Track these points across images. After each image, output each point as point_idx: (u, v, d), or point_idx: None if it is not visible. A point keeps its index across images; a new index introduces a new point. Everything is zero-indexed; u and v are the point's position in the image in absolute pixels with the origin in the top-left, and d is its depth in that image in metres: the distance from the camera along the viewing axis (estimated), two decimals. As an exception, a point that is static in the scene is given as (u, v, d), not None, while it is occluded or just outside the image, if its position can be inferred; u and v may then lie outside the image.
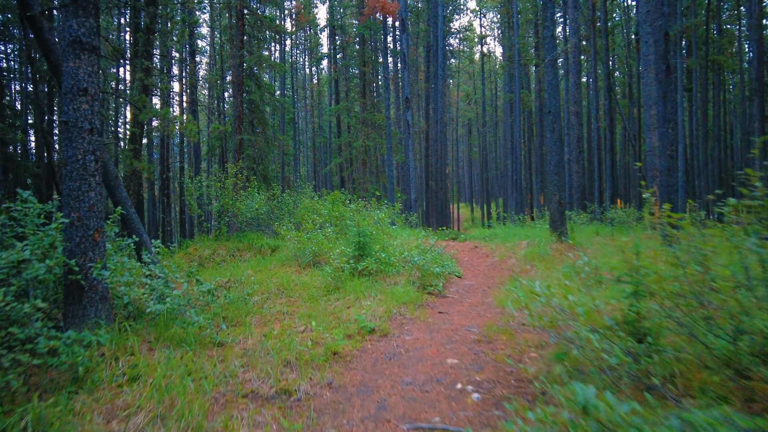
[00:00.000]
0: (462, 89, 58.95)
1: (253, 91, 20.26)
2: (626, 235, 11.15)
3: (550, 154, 9.27)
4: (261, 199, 11.57)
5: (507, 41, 31.34)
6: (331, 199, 11.45)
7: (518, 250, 9.24)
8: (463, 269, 8.14)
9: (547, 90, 9.34)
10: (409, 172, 18.15)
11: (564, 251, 8.68)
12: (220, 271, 8.31)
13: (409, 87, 17.28)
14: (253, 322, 5.42)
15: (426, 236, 10.93)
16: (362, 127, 23.47)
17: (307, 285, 6.70)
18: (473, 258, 9.36)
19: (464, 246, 11.47)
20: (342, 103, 24.66)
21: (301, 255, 8.04)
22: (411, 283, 6.51)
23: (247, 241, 10.47)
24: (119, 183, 6.31)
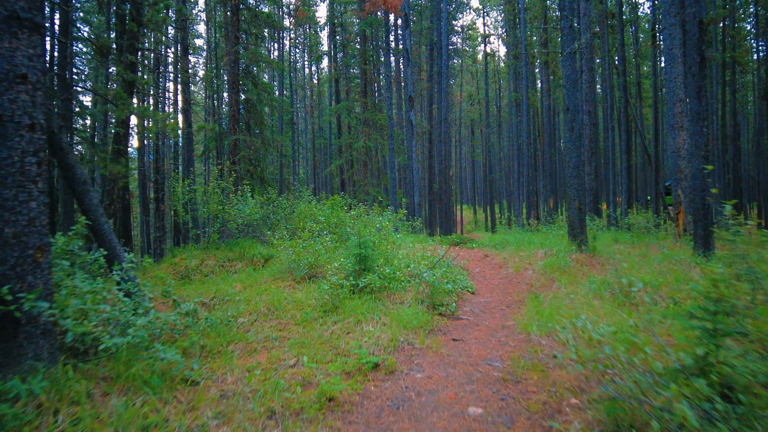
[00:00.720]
0: (465, 90, 58.30)
1: (250, 89, 19.58)
2: (648, 243, 10.41)
3: (569, 155, 8.53)
4: (254, 204, 10.84)
5: (512, 39, 30.65)
6: (330, 204, 10.72)
7: (535, 260, 8.50)
8: (475, 283, 7.39)
9: (566, 85, 8.61)
10: (412, 174, 17.41)
11: (585, 262, 7.95)
12: (206, 285, 7.59)
13: (412, 85, 16.56)
14: (236, 351, 4.69)
15: (433, 245, 10.20)
16: (363, 128, 22.76)
17: (301, 303, 5.97)
18: (485, 269, 8.62)
19: (473, 254, 10.73)
20: (342, 102, 23.96)
21: (295, 267, 7.30)
22: (419, 301, 5.77)
23: (239, 250, 9.74)
24: (88, 188, 5.58)
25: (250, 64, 19.11)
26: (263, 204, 12.40)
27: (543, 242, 10.50)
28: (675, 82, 9.75)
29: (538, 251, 8.97)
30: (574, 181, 8.51)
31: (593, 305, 5.49)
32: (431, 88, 25.58)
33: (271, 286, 6.94)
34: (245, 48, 16.64)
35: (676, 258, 7.48)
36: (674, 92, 9.77)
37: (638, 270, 7.10)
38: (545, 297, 6.19)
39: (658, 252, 9.06)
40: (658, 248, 9.38)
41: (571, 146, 8.51)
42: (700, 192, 7.15)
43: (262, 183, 20.60)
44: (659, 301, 5.60)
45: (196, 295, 6.87)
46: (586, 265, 7.88)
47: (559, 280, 6.98)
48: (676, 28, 9.83)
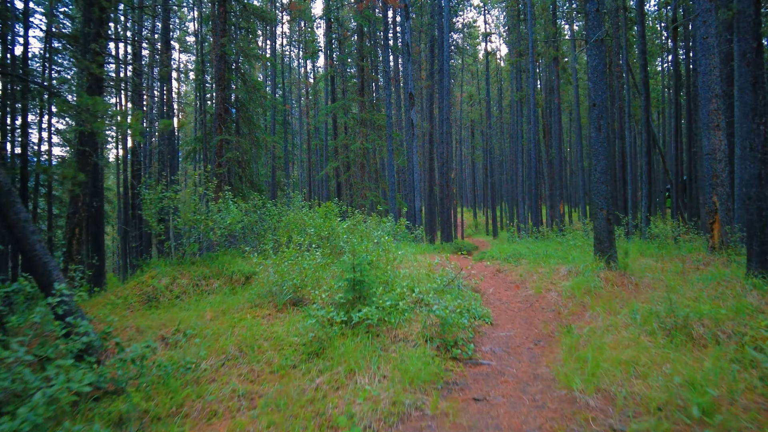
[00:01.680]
0: (465, 90, 57.40)
1: (239, 87, 18.53)
2: (679, 256, 9.36)
3: (596, 157, 7.47)
4: (238, 212, 9.74)
5: (515, 36, 29.65)
6: (322, 212, 9.64)
7: (557, 278, 7.43)
8: (491, 308, 6.31)
9: (591, 77, 7.55)
10: (413, 177, 16.34)
11: (617, 282, 6.89)
12: (173, 311, 6.50)
13: (412, 82, 15.53)
14: (190, 416, 3.61)
15: (438, 256, 9.13)
16: (360, 128, 21.70)
17: (280, 341, 4.89)
18: (500, 289, 7.54)
19: (484, 269, 9.65)
20: (338, 101, 22.89)
21: (278, 291, 6.21)
22: (427, 339, 4.69)
23: (218, 266, 8.65)
24: (13, 199, 4.49)
25: (238, 60, 18.06)
26: (249, 211, 11.33)
27: (562, 256, 9.44)
28: (710, 76, 8.71)
29: (560, 267, 7.89)
30: (602, 188, 7.45)
31: (644, 345, 4.43)
32: (431, 87, 24.55)
33: (248, 315, 5.85)
34: (232, 41, 15.56)
35: (725, 278, 6.42)
36: (709, 87, 8.73)
37: (682, 293, 6.05)
38: (579, 330, 5.12)
39: (693, 267, 8.02)
40: (692, 263, 8.34)
41: (599, 147, 7.45)
42: (755, 201, 6.09)
43: (252, 187, 19.56)
44: (724, 339, 4.54)
45: (157, 326, 5.80)
46: (617, 286, 6.82)
47: (592, 306, 5.91)
48: (711, 14, 8.80)
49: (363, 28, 22.04)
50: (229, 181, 19.11)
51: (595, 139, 7.51)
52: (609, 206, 7.49)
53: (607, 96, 7.36)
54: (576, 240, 11.65)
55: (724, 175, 8.62)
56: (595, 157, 7.52)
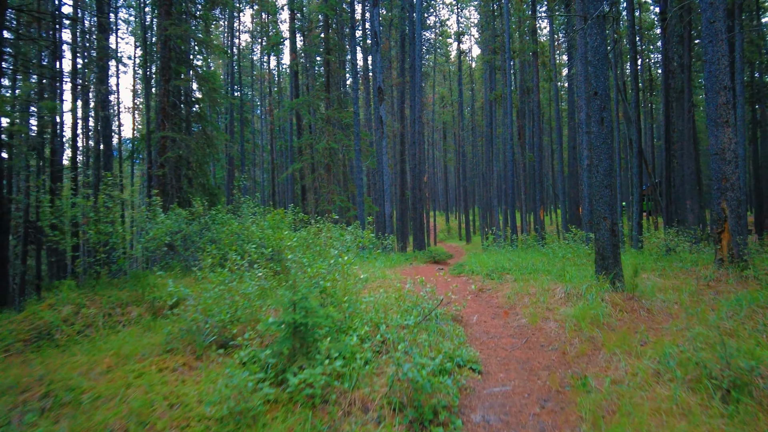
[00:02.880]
0: (437, 91, 56.78)
1: (188, 78, 16.81)
2: (684, 271, 8.37)
3: (598, 156, 6.33)
4: (168, 222, 8.17)
5: (489, 34, 28.88)
6: (271, 221, 8.17)
7: (553, 302, 6.23)
8: (478, 347, 5.03)
9: (592, 61, 6.41)
10: (383, 179, 15.03)
11: (626, 308, 5.75)
12: (63, 357, 4.94)
13: (381, 75, 14.24)
14: None
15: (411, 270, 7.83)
16: (326, 127, 20.26)
17: (187, 413, 3.45)
18: (485, 315, 6.27)
19: (462, 285, 8.39)
20: (302, 97, 21.38)
21: (197, 330, 4.74)
22: (395, 407, 3.35)
23: (140, 289, 7.08)
24: None
25: (189, 49, 16.36)
26: (189, 220, 9.74)
27: (553, 271, 8.29)
28: (718, 65, 7.76)
29: (555, 288, 6.70)
30: (605, 192, 6.31)
31: (697, 414, 3.23)
32: (402, 84, 23.36)
33: (154, 365, 4.36)
34: (179, 26, 13.87)
35: (760, 303, 5.35)
36: (716, 78, 7.77)
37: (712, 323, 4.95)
38: (598, 383, 3.90)
39: (703, 285, 7.01)
40: (702, 280, 7.33)
41: (601, 144, 6.31)
42: None
43: (204, 191, 17.83)
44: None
45: (27, 383, 4.25)
46: (627, 312, 5.67)
47: (605, 343, 4.71)
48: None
49: (329, 19, 20.65)
50: (177, 184, 17.35)
51: (596, 135, 6.37)
52: (614, 215, 6.35)
53: (609, 84, 6.23)
54: (563, 250, 10.59)
55: (734, 177, 7.67)
56: (596, 157, 6.38)
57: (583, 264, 8.94)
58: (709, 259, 8.87)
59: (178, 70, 17.04)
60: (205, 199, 18.39)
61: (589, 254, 9.65)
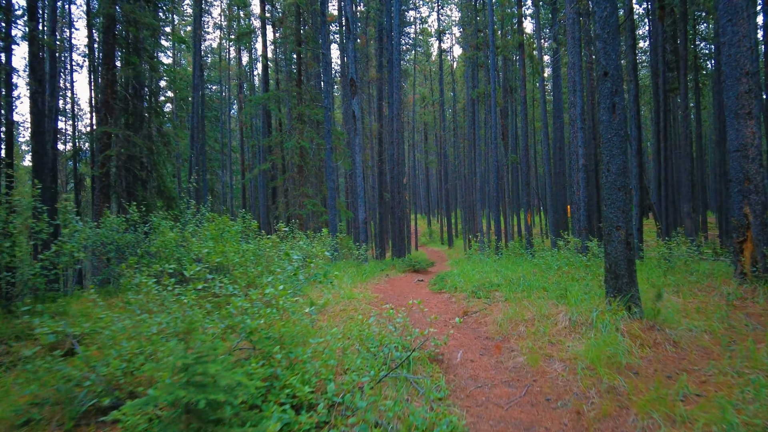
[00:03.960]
0: (418, 91, 55.93)
1: (141, 68, 15.31)
2: (699, 285, 7.33)
3: (609, 151, 5.20)
4: (86, 230, 6.76)
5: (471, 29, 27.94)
6: (213, 231, 6.83)
7: (556, 332, 5.06)
8: (461, 398, 3.81)
9: (601, 35, 5.29)
10: (356, 181, 13.77)
11: (648, 341, 4.64)
12: None
13: (354, 65, 13.02)
14: None
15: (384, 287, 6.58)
16: (297, 124, 18.91)
17: None
18: (472, 351, 5.05)
19: (445, 305, 7.17)
20: (271, 92, 19.98)
21: (72, 390, 3.41)
22: None
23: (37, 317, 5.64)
24: None
25: (140, 36, 14.87)
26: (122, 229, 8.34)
27: (548, 286, 7.15)
28: (738, 48, 6.76)
29: (557, 312, 5.54)
30: (617, 196, 5.18)
31: None
32: (380, 80, 22.19)
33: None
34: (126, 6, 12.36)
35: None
36: (736, 62, 6.77)
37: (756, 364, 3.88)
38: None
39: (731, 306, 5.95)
40: (726, 298, 6.29)
41: (613, 136, 5.18)
42: None
43: (159, 194, 16.32)
44: None
45: None
46: (650, 347, 4.56)
47: (634, 399, 3.54)
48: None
49: (300, 8, 19.33)
50: (127, 187, 15.79)
51: (607, 125, 5.23)
52: (629, 223, 5.22)
53: (619, 65, 5.09)
54: (556, 260, 9.49)
55: (758, 178, 6.66)
56: (606, 152, 5.24)
57: (582, 278, 7.83)
58: (725, 271, 7.87)
59: (130, 59, 15.51)
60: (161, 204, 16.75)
61: (587, 266, 8.56)
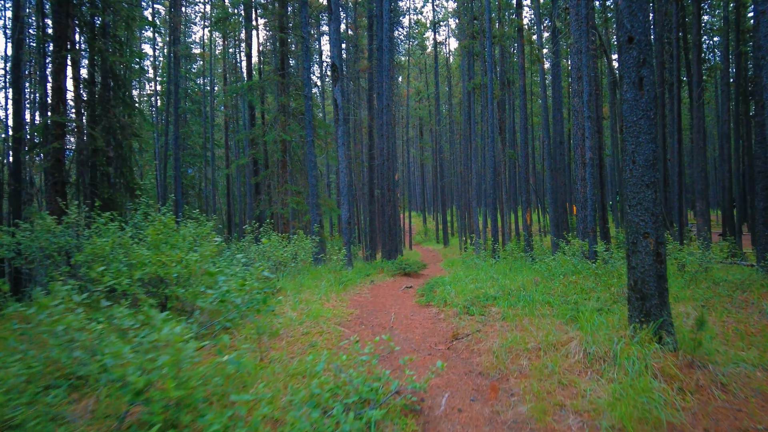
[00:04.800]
0: (413, 86, 54.85)
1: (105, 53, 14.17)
2: (731, 299, 6.31)
3: (634, 137, 4.15)
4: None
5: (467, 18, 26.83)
6: (153, 236, 5.74)
7: (569, 368, 4.01)
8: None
9: (625, -10, 4.21)
10: (339, 177, 12.65)
11: (689, 384, 3.62)
12: None
13: (336, 49, 11.88)
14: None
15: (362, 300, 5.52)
16: (280, 116, 17.78)
17: None
18: (460, 395, 3.98)
19: (430, 324, 6.09)
20: (252, 80, 18.82)
21: None
22: None
23: None
24: None
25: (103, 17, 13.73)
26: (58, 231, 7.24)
27: (554, 301, 6.09)
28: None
29: (567, 338, 4.50)
30: (646, 195, 4.13)
31: None
32: (371, 70, 21.06)
33: None
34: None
35: None
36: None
37: None
38: None
39: None
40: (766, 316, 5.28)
41: (640, 118, 4.13)
42: None
43: (129, 192, 15.22)
44: None
45: None
46: (692, 392, 3.53)
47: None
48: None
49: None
50: (92, 183, 14.65)
51: (631, 104, 4.17)
52: (659, 230, 4.16)
53: (648, 28, 3.99)
54: (560, 266, 8.45)
55: (806, 173, 5.62)
56: (632, 139, 4.19)
57: (592, 290, 6.79)
58: (759, 281, 6.84)
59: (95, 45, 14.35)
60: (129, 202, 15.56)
61: (597, 274, 7.52)
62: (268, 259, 8.58)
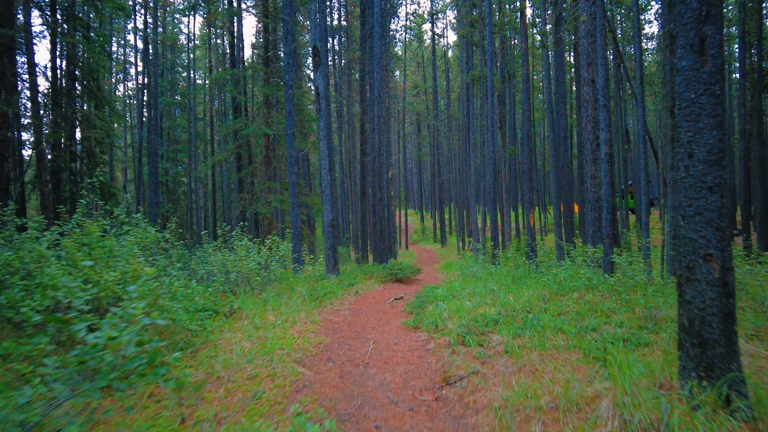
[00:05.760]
0: (410, 80, 53.65)
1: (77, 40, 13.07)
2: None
3: (691, 123, 3.02)
4: None
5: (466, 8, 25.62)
6: (69, 250, 4.59)
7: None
8: None
9: None
10: (321, 174, 11.50)
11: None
12: None
13: (320, 32, 10.69)
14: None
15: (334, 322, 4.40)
16: (263, 108, 16.61)
17: None
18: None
19: (416, 358, 4.96)
20: (233, 69, 17.62)
21: None
22: None
23: None
24: None
25: None
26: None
27: (569, 329, 4.97)
28: None
29: (594, 393, 3.39)
30: (708, 201, 3.00)
31: None
32: (363, 60, 19.88)
33: None
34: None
35: None
36: None
37: None
38: None
39: None
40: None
41: (700, 94, 3.00)
42: None
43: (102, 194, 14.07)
44: None
45: None
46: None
47: None
48: None
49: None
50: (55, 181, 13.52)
51: (689, 74, 3.04)
52: (726, 250, 3.03)
53: None
54: (570, 277, 7.33)
55: None
56: (688, 124, 3.05)
57: (613, 311, 5.67)
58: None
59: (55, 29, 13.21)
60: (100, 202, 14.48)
61: (617, 292, 6.39)
62: (227, 272, 7.43)
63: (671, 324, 5.03)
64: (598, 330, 5.07)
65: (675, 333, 4.59)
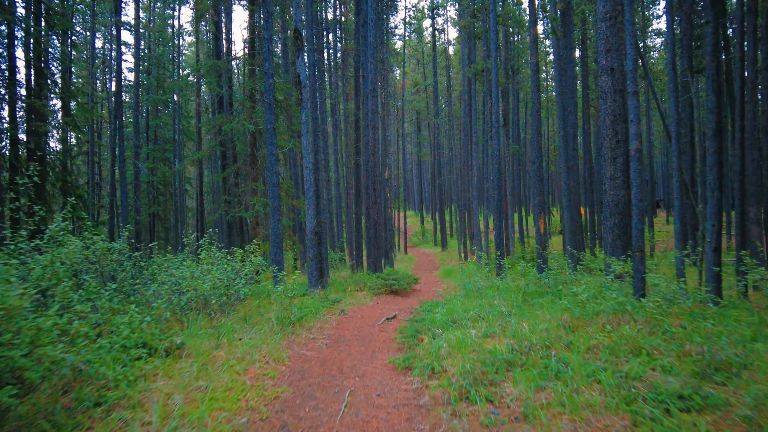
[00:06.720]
0: (409, 77, 52.53)
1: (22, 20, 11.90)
2: None
3: None
4: None
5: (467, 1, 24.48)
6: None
7: None
8: None
9: None
10: (304, 175, 10.28)
11: None
12: None
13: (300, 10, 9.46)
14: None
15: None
16: (248, 103, 15.44)
17: None
18: None
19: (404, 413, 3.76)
20: (215, 61, 16.45)
21: None
22: None
23: None
24: None
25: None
26: None
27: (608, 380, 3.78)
28: None
29: None
30: None
31: None
32: (357, 52, 18.70)
33: None
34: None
35: None
36: None
37: None
38: None
39: None
40: None
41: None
42: None
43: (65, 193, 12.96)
44: None
45: None
46: None
47: None
48: None
49: (253, -43, 15.78)
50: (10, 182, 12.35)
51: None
52: None
53: None
54: (594, 299, 6.14)
55: None
56: None
57: (655, 348, 4.49)
58: None
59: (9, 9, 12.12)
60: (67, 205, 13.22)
61: (656, 322, 5.19)
62: (181, 292, 6.22)
63: (742, 370, 3.84)
64: (644, 379, 3.89)
65: (762, 392, 3.40)
